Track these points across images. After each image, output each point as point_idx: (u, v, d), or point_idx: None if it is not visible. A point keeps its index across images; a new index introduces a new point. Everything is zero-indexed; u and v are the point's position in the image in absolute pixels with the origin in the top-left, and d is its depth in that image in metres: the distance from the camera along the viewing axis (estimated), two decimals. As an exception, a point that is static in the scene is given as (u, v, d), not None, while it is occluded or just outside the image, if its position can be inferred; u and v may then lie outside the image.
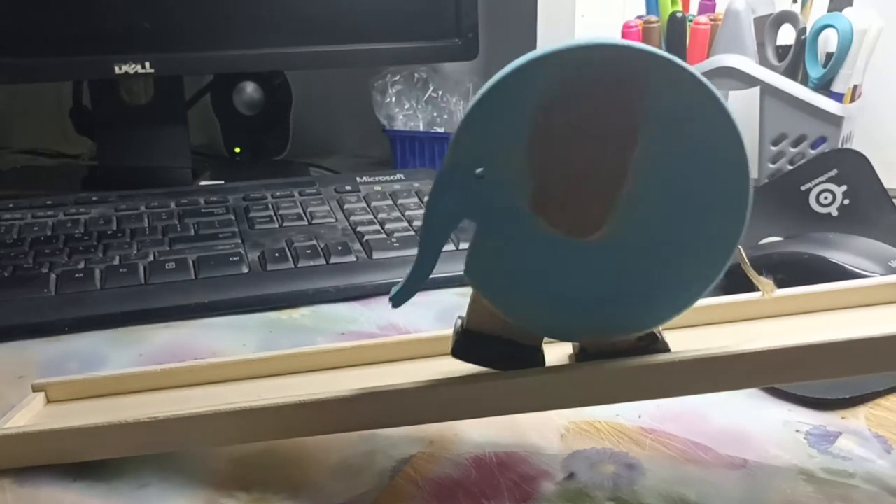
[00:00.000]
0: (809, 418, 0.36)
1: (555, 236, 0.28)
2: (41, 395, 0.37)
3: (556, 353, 0.32)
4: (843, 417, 0.36)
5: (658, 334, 0.31)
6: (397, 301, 0.30)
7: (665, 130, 0.27)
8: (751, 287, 0.37)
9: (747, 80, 0.60)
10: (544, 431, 0.35)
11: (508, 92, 0.27)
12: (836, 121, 0.58)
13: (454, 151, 0.28)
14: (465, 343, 0.31)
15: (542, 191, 0.28)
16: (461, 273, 0.29)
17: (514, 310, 0.30)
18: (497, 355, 0.31)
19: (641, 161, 0.27)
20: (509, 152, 0.28)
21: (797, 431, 0.35)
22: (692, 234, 0.28)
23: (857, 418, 0.36)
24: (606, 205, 0.28)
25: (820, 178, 0.57)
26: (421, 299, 0.51)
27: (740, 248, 0.29)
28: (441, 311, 0.48)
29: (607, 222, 0.28)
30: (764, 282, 0.32)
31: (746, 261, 0.31)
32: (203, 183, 0.75)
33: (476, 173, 0.28)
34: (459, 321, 0.32)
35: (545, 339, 0.31)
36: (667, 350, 0.30)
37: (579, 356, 0.31)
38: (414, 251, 0.30)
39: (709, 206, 0.28)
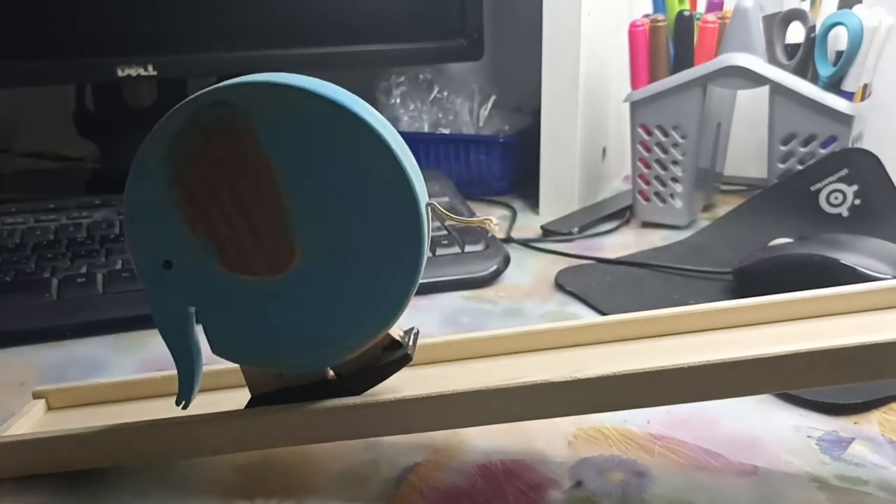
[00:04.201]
0: (821, 423, 0.35)
1: (256, 282, 0.29)
2: (42, 403, 0.37)
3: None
4: (855, 422, 0.35)
5: (402, 339, 0.31)
6: (184, 403, 0.31)
7: (297, 156, 0.27)
8: (760, 291, 0.37)
9: (756, 80, 0.59)
10: (551, 438, 0.34)
11: (141, 179, 0.28)
12: (847, 120, 0.57)
13: (133, 257, 0.29)
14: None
15: (221, 249, 0.28)
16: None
17: (268, 361, 0.31)
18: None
19: (289, 192, 0.28)
20: (172, 230, 0.28)
21: (809, 437, 0.34)
22: (369, 258, 0.28)
23: (870, 423, 0.35)
24: (284, 239, 0.28)
25: (830, 178, 0.57)
26: (426, 303, 0.51)
27: (435, 203, 0.29)
28: (446, 314, 0.48)
29: (295, 255, 0.28)
30: (483, 219, 0.30)
31: (448, 213, 0.30)
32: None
33: (162, 264, 0.29)
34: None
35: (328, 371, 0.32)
36: (407, 357, 0.31)
37: (337, 381, 0.32)
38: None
39: (379, 228, 0.28)
